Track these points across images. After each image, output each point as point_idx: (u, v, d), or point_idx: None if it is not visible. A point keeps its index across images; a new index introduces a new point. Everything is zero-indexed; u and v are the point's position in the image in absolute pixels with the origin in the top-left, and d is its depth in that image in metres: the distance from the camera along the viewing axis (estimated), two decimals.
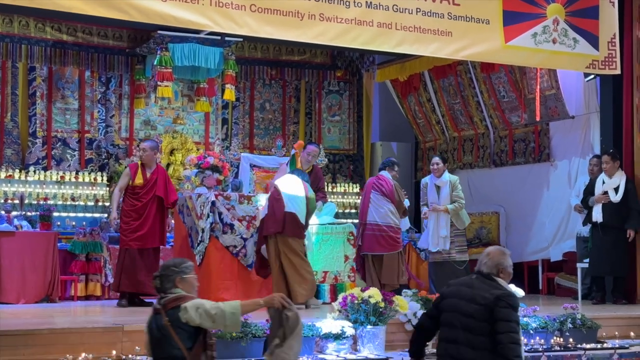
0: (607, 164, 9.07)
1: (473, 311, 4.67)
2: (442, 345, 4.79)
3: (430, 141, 13.18)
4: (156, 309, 4.59)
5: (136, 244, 8.52)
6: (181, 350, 4.47)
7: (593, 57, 8.34)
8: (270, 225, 8.17)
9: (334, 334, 6.41)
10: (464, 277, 5.11)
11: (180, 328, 4.49)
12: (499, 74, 11.35)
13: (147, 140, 9.61)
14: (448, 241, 9.18)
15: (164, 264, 4.79)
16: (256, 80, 13.00)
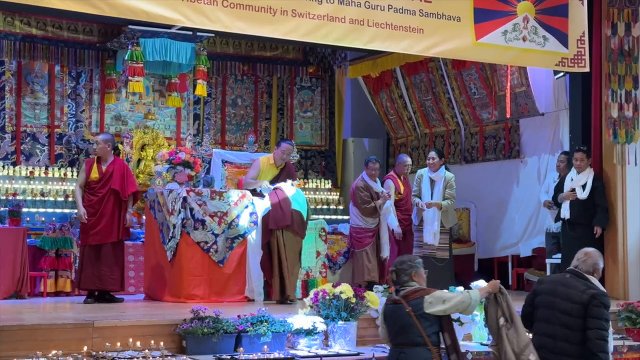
0: (581, 161, 9.14)
1: (570, 309, 5.19)
2: (538, 339, 5.31)
3: (401, 137, 13.23)
4: (395, 299, 5.18)
5: (94, 240, 8.40)
6: (423, 337, 5.03)
7: (562, 55, 8.40)
8: (279, 219, 8.45)
9: (305, 330, 6.43)
10: (557, 275, 5.76)
11: (423, 317, 5.05)
12: (470, 71, 11.42)
13: (101, 133, 9.56)
14: (438, 236, 9.22)
15: (400, 259, 5.34)
16: (228, 76, 12.97)
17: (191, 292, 8.30)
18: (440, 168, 9.39)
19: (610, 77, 9.10)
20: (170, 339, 6.19)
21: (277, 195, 8.57)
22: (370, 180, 9.59)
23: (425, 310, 5.07)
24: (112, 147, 8.70)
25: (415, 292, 5.15)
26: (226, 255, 8.50)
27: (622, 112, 9.09)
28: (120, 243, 8.69)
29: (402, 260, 5.30)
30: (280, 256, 8.41)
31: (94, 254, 8.42)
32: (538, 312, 5.38)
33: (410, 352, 5.06)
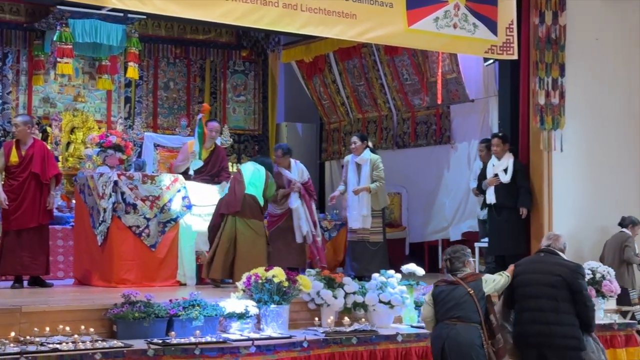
0: (498, 146, 9.35)
1: (554, 281, 5.77)
2: (527, 315, 5.83)
3: (334, 122, 13.29)
4: (452, 281, 5.79)
5: (16, 225, 8.19)
6: (479, 315, 5.63)
7: (492, 43, 8.54)
8: (230, 204, 8.38)
9: (237, 314, 6.44)
10: (530, 256, 6.29)
11: (481, 298, 5.69)
12: (402, 57, 11.53)
13: (19, 115, 9.36)
14: (368, 220, 9.21)
15: (453, 248, 6.00)
16: (160, 59, 12.82)
17: (122, 277, 8.22)
18: (365, 151, 9.33)
19: (538, 65, 9.30)
20: (101, 323, 6.13)
21: (234, 180, 8.54)
22: (281, 168, 9.45)
23: (484, 290, 5.74)
24: (31, 130, 8.47)
25: (472, 275, 5.85)
26: (158, 240, 8.44)
27: (549, 99, 9.31)
28: (45, 227, 8.49)
29: (455, 249, 5.96)
30: (238, 240, 8.31)
31: (16, 239, 8.21)
32: (521, 291, 5.88)
33: (462, 329, 5.62)
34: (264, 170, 8.65)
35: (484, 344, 5.61)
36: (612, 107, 9.75)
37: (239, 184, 8.49)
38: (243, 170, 8.71)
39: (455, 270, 5.84)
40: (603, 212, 9.51)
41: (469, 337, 5.59)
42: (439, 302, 5.75)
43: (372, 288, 7.16)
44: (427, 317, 5.90)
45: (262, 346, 6.09)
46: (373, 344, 6.60)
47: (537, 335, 5.79)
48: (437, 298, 5.79)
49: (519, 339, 5.85)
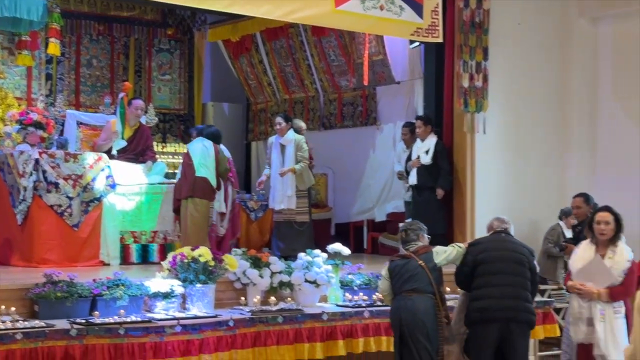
0: (419, 128, 9.51)
1: (520, 259, 6.06)
2: (496, 290, 5.96)
3: (261, 103, 13.24)
4: (404, 255, 6.10)
5: None
6: (431, 286, 5.91)
7: (417, 25, 8.62)
8: (184, 189, 8.56)
9: (162, 293, 6.40)
10: (490, 236, 6.34)
11: (433, 269, 5.97)
12: (329, 38, 11.54)
13: None
14: (294, 200, 9.22)
15: (410, 221, 6.59)
16: (83, 35, 12.53)
17: (43, 257, 8.07)
18: (289, 132, 9.35)
19: (462, 48, 9.44)
20: (22, 303, 6.02)
21: (184, 164, 8.62)
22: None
23: (435, 261, 6.00)
24: None
25: (423, 247, 6.12)
26: (81, 219, 8.30)
27: (472, 82, 9.46)
28: None
29: (412, 222, 6.39)
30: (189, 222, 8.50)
31: None
32: (488, 267, 6.03)
33: (417, 299, 5.92)
34: (212, 145, 8.73)
35: (437, 312, 5.91)
36: (534, 90, 9.97)
37: (189, 168, 8.59)
38: (191, 152, 8.72)
39: (409, 242, 6.14)
40: (524, 193, 9.75)
41: (424, 306, 5.90)
42: (395, 275, 6.03)
43: (298, 267, 7.20)
44: (385, 290, 6.19)
45: (188, 325, 6.06)
46: (299, 323, 6.64)
47: (507, 309, 5.96)
48: (392, 272, 6.06)
49: (483, 313, 5.96)
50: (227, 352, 6.20)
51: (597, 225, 5.97)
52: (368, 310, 7.00)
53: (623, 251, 5.94)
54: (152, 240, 8.80)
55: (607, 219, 5.96)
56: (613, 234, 5.94)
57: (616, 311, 5.87)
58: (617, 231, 5.96)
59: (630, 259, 5.93)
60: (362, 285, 7.49)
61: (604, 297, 5.85)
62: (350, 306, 7.09)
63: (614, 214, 5.99)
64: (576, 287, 5.95)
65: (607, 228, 5.94)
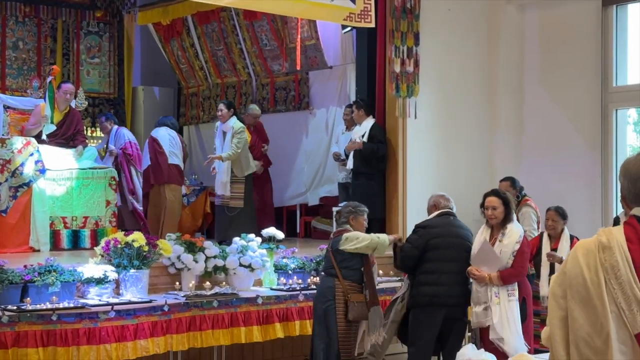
0: (353, 113, 9.62)
1: (467, 247, 6.15)
2: (449, 277, 6.07)
3: (193, 87, 13.14)
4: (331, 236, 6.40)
5: None
6: (335, 269, 6.12)
7: (350, 10, 8.66)
8: (158, 176, 9.47)
9: (96, 279, 6.34)
10: (440, 218, 6.34)
11: (337, 252, 6.13)
12: (261, 22, 11.51)
13: None
14: (228, 187, 9.27)
15: (347, 203, 6.66)
16: (8, 17, 12.24)
17: None
18: (231, 119, 9.39)
19: (394, 33, 9.52)
20: None
21: (154, 151, 9.06)
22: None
23: (339, 247, 6.11)
24: None
25: (339, 232, 6.24)
26: (9, 205, 8.14)
27: (404, 67, 9.56)
28: None
29: (347, 204, 6.52)
30: (166, 206, 9.43)
31: None
32: (441, 253, 6.11)
33: (322, 280, 6.44)
34: (177, 134, 9.74)
35: (335, 295, 6.06)
36: (464, 76, 10.14)
37: (161, 155, 9.42)
38: (161, 140, 9.52)
39: (339, 225, 6.39)
40: (454, 178, 9.90)
41: (321, 288, 6.30)
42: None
43: (232, 252, 7.21)
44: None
45: (122, 311, 6.03)
46: (234, 307, 6.66)
47: (459, 296, 6.15)
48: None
49: (433, 299, 6.08)
50: (163, 337, 6.18)
51: (486, 211, 6.07)
52: (303, 294, 7.06)
53: (513, 233, 6.00)
54: (83, 226, 8.69)
55: (494, 204, 6.04)
56: (503, 217, 6.01)
57: (510, 294, 5.94)
58: (507, 214, 6.01)
59: (520, 239, 5.99)
60: (297, 269, 7.55)
61: (496, 280, 5.92)
62: (285, 290, 7.14)
63: (501, 197, 6.06)
64: (472, 272, 6.03)
65: (495, 212, 6.01)
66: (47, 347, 5.62)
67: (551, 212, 7.34)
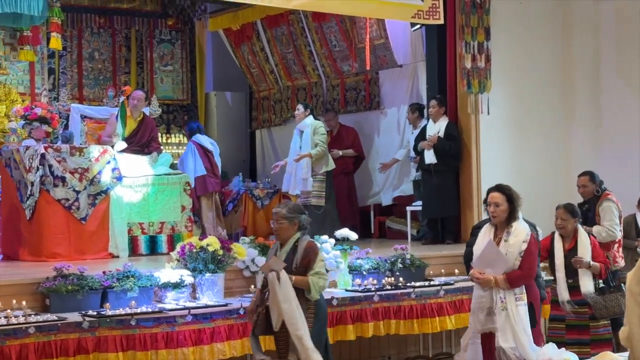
0: (433, 108, 9.51)
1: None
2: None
3: (264, 90, 13.23)
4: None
5: None
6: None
7: (418, 8, 8.61)
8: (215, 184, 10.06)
9: (172, 283, 6.41)
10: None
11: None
12: (330, 23, 11.51)
13: None
14: (309, 182, 9.32)
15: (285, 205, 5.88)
16: (84, 29, 12.55)
17: (53, 251, 8.09)
18: (307, 118, 9.51)
19: (464, 29, 9.42)
20: (33, 297, 6.04)
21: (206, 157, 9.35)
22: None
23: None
24: None
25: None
26: (89, 212, 8.31)
27: (475, 63, 9.44)
28: None
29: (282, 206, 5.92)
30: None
31: None
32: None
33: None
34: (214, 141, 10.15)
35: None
36: (537, 69, 9.95)
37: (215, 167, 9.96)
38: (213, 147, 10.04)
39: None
40: (530, 172, 9.74)
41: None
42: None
43: None
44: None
45: (199, 315, 6.09)
46: None
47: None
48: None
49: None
50: (239, 340, 6.21)
51: (488, 207, 5.54)
52: (377, 295, 7.01)
53: (519, 232, 5.44)
54: (160, 231, 8.82)
55: (497, 200, 5.50)
56: (507, 215, 5.47)
57: (518, 298, 5.40)
58: (511, 211, 5.47)
59: (527, 238, 5.43)
60: (371, 269, 7.51)
61: (502, 284, 5.37)
62: (359, 291, 7.11)
63: (505, 193, 5.51)
64: (475, 276, 5.50)
65: (498, 210, 5.47)
66: (126, 352, 5.71)
67: (560, 210, 6.75)
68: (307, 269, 5.45)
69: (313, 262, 5.45)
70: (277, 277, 5.30)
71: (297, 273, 5.43)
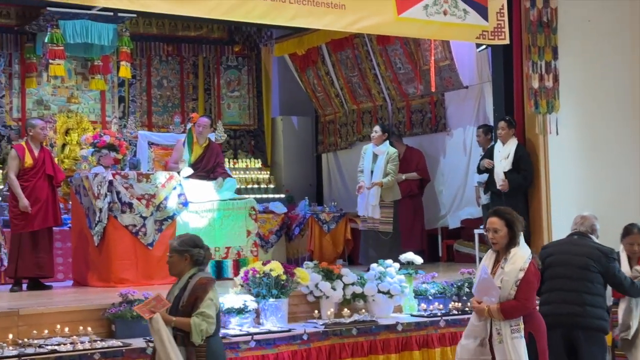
0: (503, 130, 9.34)
1: (586, 264, 5.79)
2: (559, 295, 5.78)
3: (330, 114, 13.25)
4: None
5: (31, 227, 8.27)
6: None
7: (483, 28, 8.51)
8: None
9: (236, 309, 6.42)
10: (561, 239, 6.21)
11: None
12: (394, 46, 11.48)
13: (35, 118, 9.32)
14: (377, 210, 9.32)
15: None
16: (152, 57, 12.79)
17: (120, 276, 8.20)
18: (384, 143, 9.48)
19: (531, 48, 9.27)
20: (99, 323, 6.13)
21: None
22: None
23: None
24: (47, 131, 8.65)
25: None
26: (155, 238, 8.41)
27: (542, 82, 9.28)
28: (51, 229, 8.60)
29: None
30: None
31: (31, 241, 8.29)
32: (552, 271, 5.80)
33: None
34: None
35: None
36: (607, 88, 9.71)
37: None
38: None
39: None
40: (601, 194, 9.47)
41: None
42: None
43: (370, 278, 7.15)
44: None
45: (262, 340, 6.08)
46: (373, 334, 6.59)
47: (569, 315, 5.71)
48: None
49: (547, 319, 5.48)
50: None
51: (488, 234, 5.20)
52: (444, 320, 6.90)
53: (517, 259, 5.10)
54: (226, 256, 8.87)
55: (495, 226, 5.17)
56: (507, 241, 5.15)
57: (514, 330, 5.03)
58: (511, 237, 5.15)
59: (525, 266, 5.08)
60: (437, 294, 7.40)
61: (496, 314, 5.04)
62: (425, 316, 7.01)
63: (505, 218, 5.18)
64: (473, 304, 5.19)
65: (497, 236, 5.15)
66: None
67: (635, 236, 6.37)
68: (193, 309, 4.90)
69: (200, 301, 4.90)
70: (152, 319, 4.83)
71: (183, 313, 4.90)
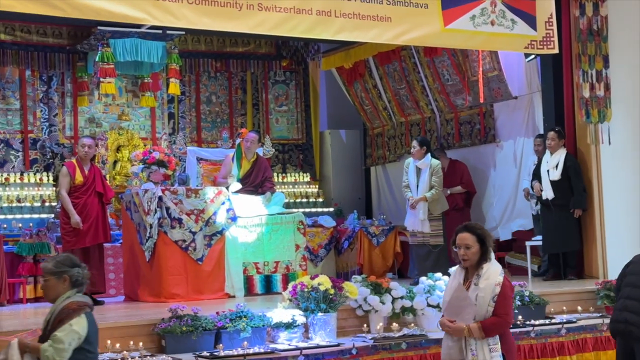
0: (553, 140, 9.22)
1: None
2: (621, 302, 5.54)
3: (378, 127, 13.22)
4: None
5: (82, 243, 8.40)
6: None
7: (531, 38, 8.42)
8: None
9: (285, 323, 6.41)
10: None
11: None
12: (442, 57, 11.42)
13: (86, 136, 9.48)
14: (426, 224, 9.23)
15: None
16: (201, 73, 12.92)
17: (171, 291, 8.26)
18: (426, 156, 9.34)
19: (581, 57, 9.14)
20: (150, 339, 6.17)
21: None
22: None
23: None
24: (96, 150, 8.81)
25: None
26: (205, 253, 8.46)
27: (593, 91, 9.14)
28: (102, 245, 8.72)
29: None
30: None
31: (82, 258, 8.36)
32: (627, 279, 5.62)
33: None
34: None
35: None
36: None
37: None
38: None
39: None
40: None
41: None
42: None
43: (419, 292, 7.09)
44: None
45: (311, 355, 6.05)
46: (423, 349, 6.52)
47: (627, 323, 5.52)
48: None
49: (610, 325, 5.58)
50: None
51: (458, 250, 4.91)
52: None
53: (490, 274, 4.84)
54: (275, 271, 8.88)
55: (467, 242, 4.89)
56: (478, 258, 4.88)
57: (492, 349, 4.80)
58: (482, 253, 4.88)
59: (500, 281, 4.83)
60: None
61: (476, 332, 4.77)
62: None
63: (476, 233, 4.91)
64: (445, 324, 4.90)
65: (469, 252, 4.87)
66: None
67: None
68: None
69: (61, 325, 4.35)
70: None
71: (46, 339, 4.40)
